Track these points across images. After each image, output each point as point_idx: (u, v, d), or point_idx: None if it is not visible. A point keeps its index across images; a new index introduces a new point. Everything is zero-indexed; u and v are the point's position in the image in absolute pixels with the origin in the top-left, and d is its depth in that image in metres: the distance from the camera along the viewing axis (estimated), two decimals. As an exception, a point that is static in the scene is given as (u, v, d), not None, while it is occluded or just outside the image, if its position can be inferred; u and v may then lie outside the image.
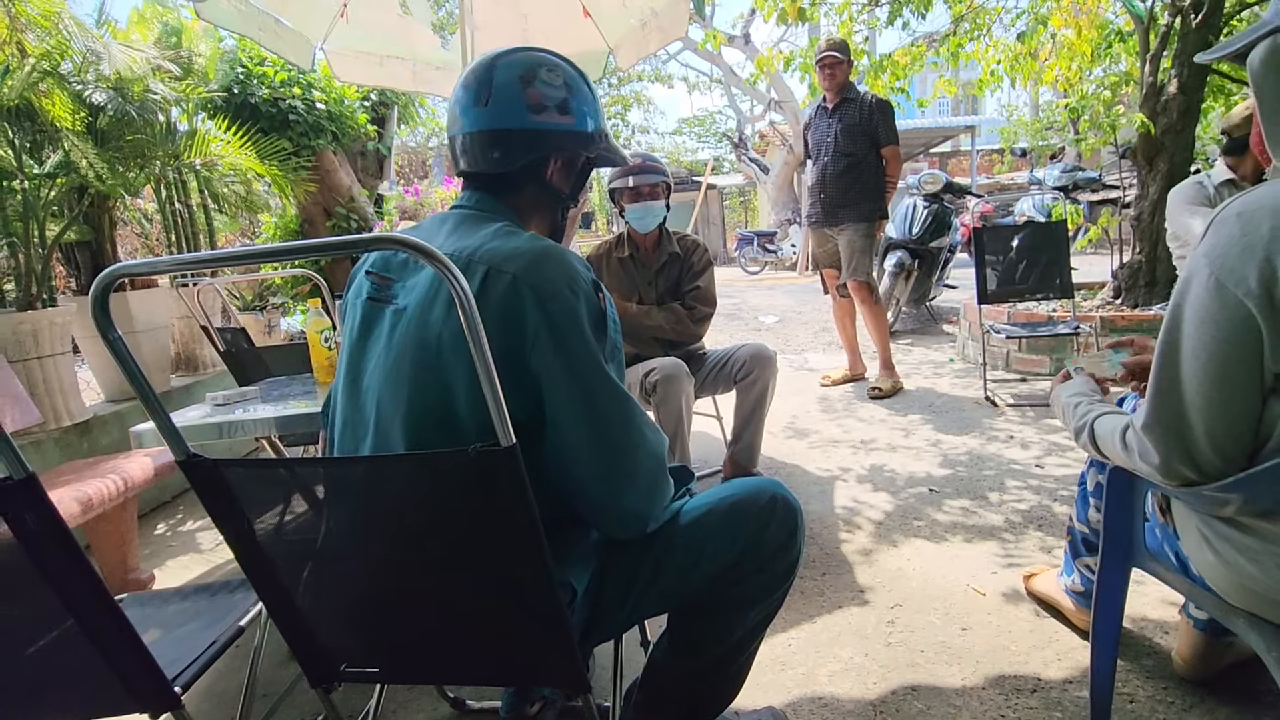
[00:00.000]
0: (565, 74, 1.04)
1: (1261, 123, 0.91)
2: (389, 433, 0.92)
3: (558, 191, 1.08)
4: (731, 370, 2.41)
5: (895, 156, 3.70)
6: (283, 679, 1.58)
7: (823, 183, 3.78)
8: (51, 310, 2.55)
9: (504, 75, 1.00)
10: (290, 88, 4.14)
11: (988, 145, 15.81)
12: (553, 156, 1.04)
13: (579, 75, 1.07)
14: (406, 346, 0.91)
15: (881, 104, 3.64)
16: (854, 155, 3.66)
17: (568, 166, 1.07)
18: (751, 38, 12.26)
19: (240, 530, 0.88)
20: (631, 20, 3.36)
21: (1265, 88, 0.89)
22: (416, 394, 0.89)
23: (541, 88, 1.00)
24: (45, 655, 0.91)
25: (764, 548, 1.01)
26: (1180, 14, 3.56)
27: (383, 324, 0.96)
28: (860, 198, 3.69)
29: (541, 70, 1.01)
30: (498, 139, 1.00)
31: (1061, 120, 7.92)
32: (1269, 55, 0.87)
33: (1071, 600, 1.56)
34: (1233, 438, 0.86)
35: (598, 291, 0.92)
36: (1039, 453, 2.73)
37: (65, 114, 2.56)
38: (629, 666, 1.36)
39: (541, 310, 0.85)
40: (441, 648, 0.98)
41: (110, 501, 1.85)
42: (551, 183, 1.06)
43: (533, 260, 0.87)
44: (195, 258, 0.75)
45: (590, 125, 1.06)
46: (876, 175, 3.69)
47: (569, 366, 0.86)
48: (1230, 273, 0.82)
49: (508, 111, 1.00)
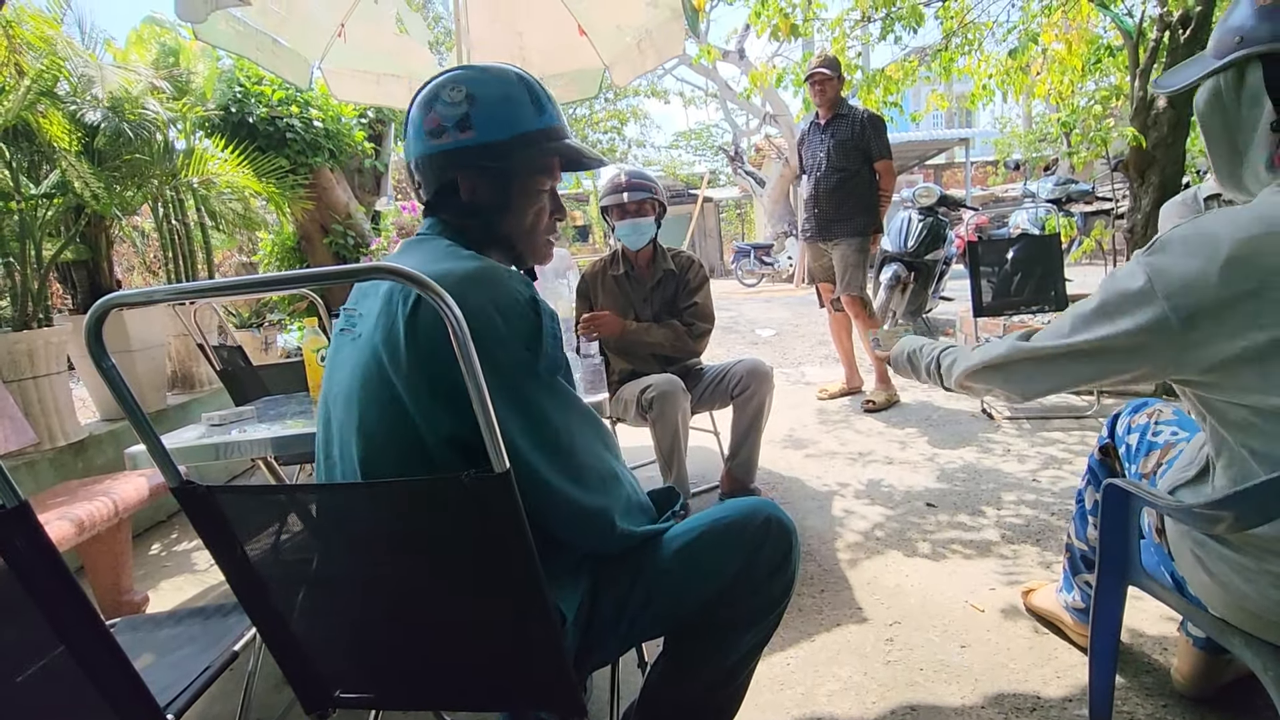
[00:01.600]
0: (472, 87, 0.99)
1: (1209, 153, 0.96)
2: (349, 455, 0.93)
3: (486, 208, 1.03)
4: (728, 386, 2.41)
5: (888, 170, 3.72)
6: (277, 704, 1.57)
7: (816, 197, 3.81)
8: (47, 330, 2.55)
9: (414, 106, 1.03)
10: (288, 106, 4.16)
11: (982, 157, 15.93)
12: (460, 176, 1.01)
13: (500, 80, 1.01)
14: (355, 367, 0.93)
15: (873, 118, 3.67)
16: (846, 170, 3.68)
17: (490, 180, 1.02)
18: (746, 53, 12.36)
19: (233, 556, 0.88)
20: (627, 39, 3.39)
21: (1210, 123, 0.94)
22: (365, 412, 0.91)
23: (440, 109, 0.99)
24: (35, 683, 0.90)
25: (759, 569, 1.00)
26: (1168, 29, 3.60)
27: (343, 352, 0.98)
28: (853, 212, 3.71)
29: (444, 91, 0.99)
30: (417, 169, 1.04)
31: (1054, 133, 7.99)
32: (1212, 98, 0.93)
33: (1072, 616, 1.56)
34: None
35: (535, 309, 0.90)
36: (1035, 466, 2.73)
37: (62, 134, 2.57)
38: (626, 689, 1.36)
39: (464, 332, 0.84)
40: (436, 673, 0.97)
41: (104, 523, 1.84)
42: (475, 201, 1.02)
43: (459, 282, 0.85)
44: (190, 288, 0.75)
45: (501, 133, 0.99)
46: (870, 189, 3.71)
47: (501, 384, 0.84)
48: (1165, 285, 0.87)
49: (414, 142, 1.03)
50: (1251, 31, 0.87)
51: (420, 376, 0.86)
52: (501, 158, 1.00)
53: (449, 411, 0.85)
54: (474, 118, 0.98)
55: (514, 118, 1.00)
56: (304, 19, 3.17)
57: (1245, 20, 0.88)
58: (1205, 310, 0.83)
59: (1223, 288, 0.81)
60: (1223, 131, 0.94)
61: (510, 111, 1.00)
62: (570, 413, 0.94)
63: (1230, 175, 0.96)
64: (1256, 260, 0.80)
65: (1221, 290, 0.82)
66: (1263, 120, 0.88)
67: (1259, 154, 0.90)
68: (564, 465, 0.91)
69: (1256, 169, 0.91)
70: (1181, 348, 0.86)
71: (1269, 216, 0.82)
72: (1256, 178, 0.92)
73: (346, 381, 0.94)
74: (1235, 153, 0.93)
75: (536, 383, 0.90)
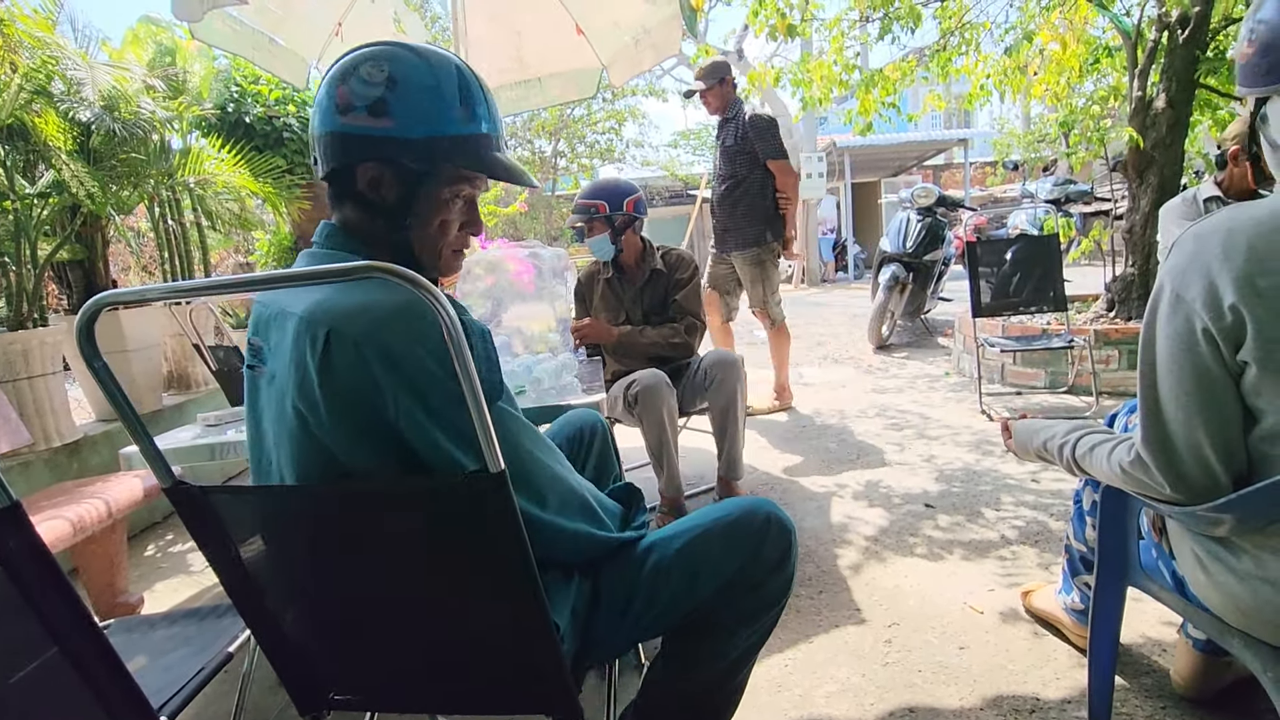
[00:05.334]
0: (396, 68, 0.87)
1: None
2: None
3: (383, 207, 0.91)
4: (701, 381, 2.38)
5: (782, 170, 3.50)
6: (271, 705, 1.56)
7: (714, 208, 3.71)
8: (42, 330, 2.54)
9: (330, 71, 0.90)
10: (285, 105, 4.15)
11: (981, 158, 15.92)
12: (360, 166, 0.89)
13: (431, 68, 0.89)
14: (275, 417, 0.86)
15: (756, 119, 3.47)
16: (735, 177, 3.53)
17: (394, 177, 0.90)
18: (744, 53, 12.37)
19: (227, 557, 0.87)
20: (624, 38, 3.39)
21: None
22: (295, 459, 0.86)
23: (355, 85, 0.87)
24: (27, 685, 0.89)
25: (758, 569, 1.00)
26: (1167, 29, 3.61)
27: (258, 392, 0.90)
28: (745, 222, 3.54)
29: (364, 66, 0.87)
30: (316, 143, 0.91)
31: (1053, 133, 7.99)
32: None
33: (1071, 617, 1.56)
34: (1217, 451, 0.87)
35: (467, 335, 0.77)
36: (1034, 467, 2.73)
37: (57, 133, 2.56)
38: (623, 690, 1.35)
39: (394, 374, 0.78)
40: (432, 675, 0.97)
41: (99, 524, 1.83)
42: (367, 196, 0.90)
43: (374, 321, 0.78)
44: (183, 286, 0.74)
45: (417, 130, 0.87)
46: (762, 196, 3.52)
47: (434, 412, 0.80)
48: (1187, 288, 0.86)
49: (320, 112, 0.90)
50: None
51: (341, 430, 0.81)
52: (412, 157, 0.89)
53: (376, 451, 0.82)
54: (391, 104, 0.86)
55: (437, 115, 0.88)
56: (301, 18, 3.16)
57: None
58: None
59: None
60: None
61: (434, 107, 0.88)
62: (519, 438, 0.90)
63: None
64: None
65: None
66: None
67: None
68: (524, 492, 0.88)
69: None
70: None
71: None
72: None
73: (271, 429, 0.88)
74: None
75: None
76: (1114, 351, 3.68)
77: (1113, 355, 3.68)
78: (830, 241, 13.53)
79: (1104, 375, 3.65)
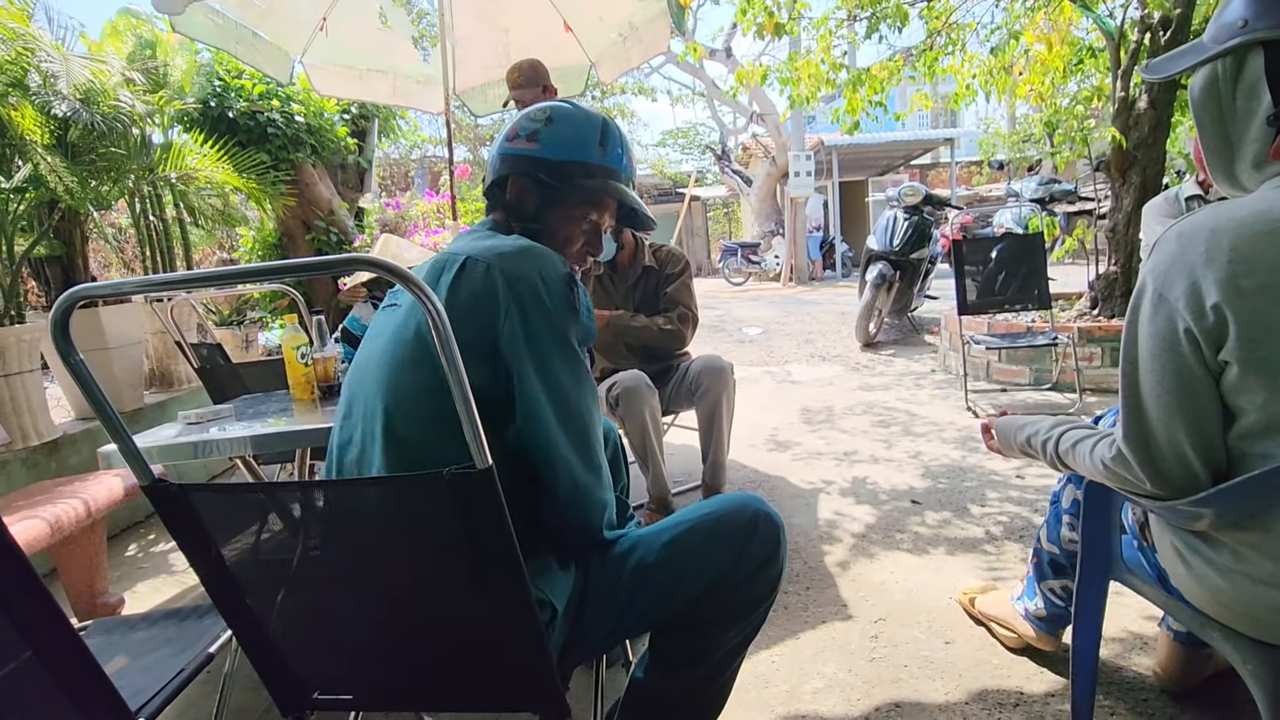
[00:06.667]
0: (556, 113, 1.10)
1: (1201, 146, 0.94)
2: (372, 411, 0.95)
3: (523, 214, 1.12)
4: (689, 386, 2.38)
5: None
6: (254, 707, 1.54)
7: None
8: (19, 327, 2.50)
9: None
10: (268, 100, 4.10)
11: (967, 157, 16.04)
12: (512, 178, 1.11)
13: (582, 117, 1.11)
14: (393, 330, 0.98)
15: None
16: None
17: (536, 191, 1.10)
18: (733, 51, 12.39)
19: (208, 556, 0.86)
20: (612, 35, 3.38)
21: (1204, 114, 0.92)
22: (395, 367, 0.94)
23: (524, 122, 1.10)
24: (1, 688, 0.88)
25: (746, 565, 1.00)
26: (1150, 31, 3.65)
27: (381, 323, 1.05)
28: None
29: (536, 110, 1.11)
30: (489, 163, 1.16)
31: (1038, 133, 8.07)
32: (1208, 84, 0.91)
33: (1033, 625, 1.49)
34: (1196, 448, 0.88)
35: (571, 284, 0.96)
36: (1019, 463, 2.75)
37: (34, 127, 2.51)
38: (610, 688, 1.35)
39: (511, 290, 0.91)
40: (416, 673, 0.96)
41: (77, 524, 1.80)
42: (517, 204, 1.11)
43: (508, 252, 0.95)
44: (161, 279, 0.73)
45: (557, 153, 1.08)
46: None
47: (531, 337, 0.91)
48: (1170, 288, 0.86)
49: (497, 144, 1.15)
50: (1257, 17, 0.84)
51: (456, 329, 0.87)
52: (549, 174, 1.08)
53: (479, 366, 0.89)
54: (543, 134, 1.09)
55: (576, 145, 1.09)
56: (285, 13, 3.13)
57: (1249, 6, 0.85)
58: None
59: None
60: (1216, 123, 0.91)
61: (576, 139, 1.10)
62: (587, 392, 0.98)
63: (1223, 169, 0.94)
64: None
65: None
66: (1259, 113, 0.86)
67: (1251, 148, 0.88)
68: (577, 442, 0.95)
69: (1248, 163, 0.89)
70: None
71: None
72: (1248, 172, 0.90)
73: (381, 345, 1.00)
74: (1227, 145, 0.91)
75: (566, 353, 0.94)
76: (1097, 349, 3.72)
77: (1096, 352, 3.72)
78: (818, 240, 13.60)
79: (1087, 372, 3.69)
